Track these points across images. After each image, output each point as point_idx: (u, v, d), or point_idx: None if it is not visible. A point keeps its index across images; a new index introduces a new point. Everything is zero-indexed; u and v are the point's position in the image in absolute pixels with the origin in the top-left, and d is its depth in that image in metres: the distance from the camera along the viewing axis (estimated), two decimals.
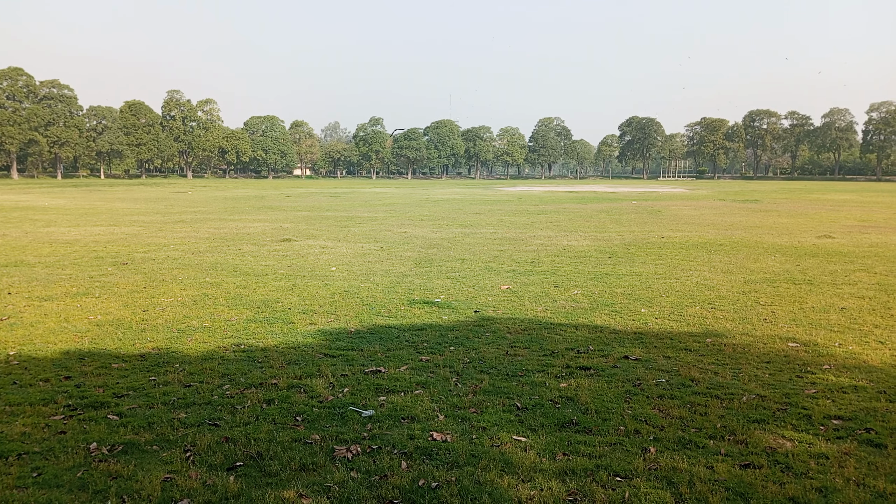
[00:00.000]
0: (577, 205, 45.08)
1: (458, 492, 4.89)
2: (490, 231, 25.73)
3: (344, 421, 6.25)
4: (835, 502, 4.75)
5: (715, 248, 20.05)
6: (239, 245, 20.78)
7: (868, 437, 5.90)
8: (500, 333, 9.64)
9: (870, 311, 11.16)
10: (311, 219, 32.18)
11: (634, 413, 6.46)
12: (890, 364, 8.15)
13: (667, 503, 4.74)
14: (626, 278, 14.40)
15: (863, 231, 25.64)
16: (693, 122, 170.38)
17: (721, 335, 9.58)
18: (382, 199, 52.77)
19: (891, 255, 18.16)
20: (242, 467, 5.33)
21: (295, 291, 12.88)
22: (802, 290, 13.07)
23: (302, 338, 9.38)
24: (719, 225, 28.55)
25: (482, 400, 6.82)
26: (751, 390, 7.11)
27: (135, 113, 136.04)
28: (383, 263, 16.78)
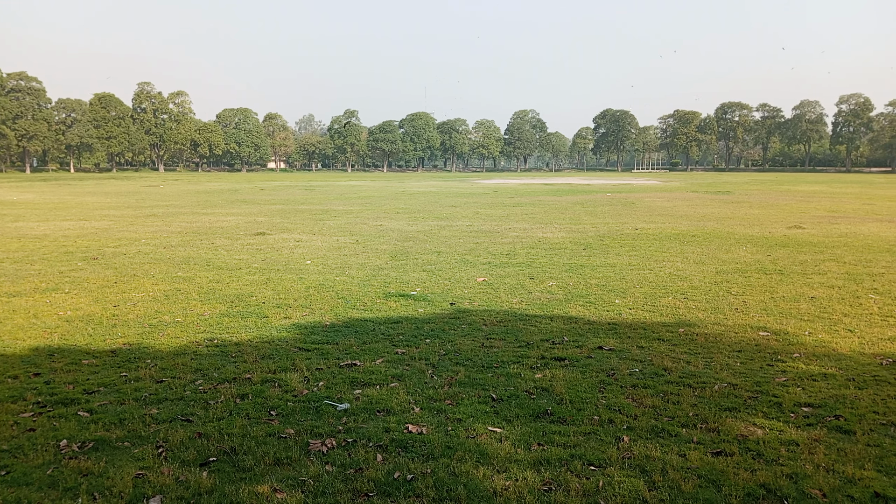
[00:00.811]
0: (552, 197, 45.28)
1: (434, 483, 4.90)
2: (466, 223, 25.75)
3: (319, 415, 6.23)
4: (805, 488, 4.83)
5: (688, 239, 20.27)
6: (212, 239, 20.56)
7: (837, 423, 6.01)
8: (475, 325, 9.66)
9: (839, 300, 11.36)
10: (286, 212, 31.95)
11: (608, 403, 6.51)
12: (858, 352, 8.30)
13: (640, 491, 4.79)
14: (600, 270, 14.51)
15: (832, 221, 26.09)
16: (666, 115, 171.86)
17: (693, 325, 9.69)
18: (358, 192, 52.55)
19: (859, 245, 18.50)
20: (216, 463, 5.28)
21: (269, 285, 12.78)
22: (773, 279, 13.26)
23: (276, 332, 9.32)
24: (692, 216, 28.86)
25: (458, 392, 6.83)
26: (722, 379, 7.21)
27: (105, 106, 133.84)
28: (359, 256, 16.72)
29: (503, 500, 4.68)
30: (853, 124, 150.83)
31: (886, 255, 16.61)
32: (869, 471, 5.08)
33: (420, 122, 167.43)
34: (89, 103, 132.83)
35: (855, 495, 4.72)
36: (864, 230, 22.65)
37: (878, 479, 4.96)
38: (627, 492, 4.78)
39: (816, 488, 4.83)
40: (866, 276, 13.48)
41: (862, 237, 20.55)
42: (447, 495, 4.75)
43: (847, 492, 4.77)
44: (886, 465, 5.19)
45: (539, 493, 4.78)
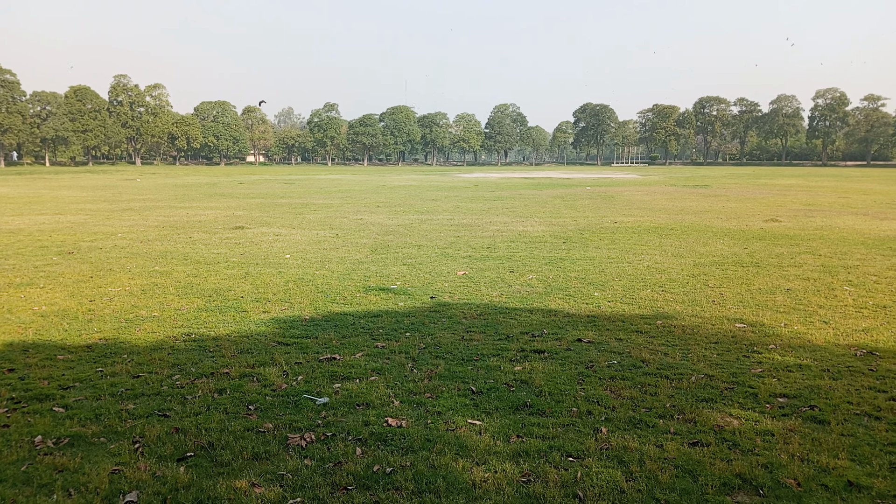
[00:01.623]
0: (532, 191, 45.40)
1: (413, 476, 4.90)
2: (446, 217, 25.74)
3: (298, 409, 6.20)
4: (780, 477, 4.90)
5: (666, 232, 20.42)
6: (190, 233, 20.37)
7: (812, 414, 6.09)
8: (455, 319, 9.67)
9: (814, 292, 11.51)
10: (265, 206, 31.74)
11: (587, 394, 6.55)
12: (833, 343, 8.42)
13: (618, 482, 4.82)
14: (579, 263, 14.57)
15: (808, 215, 26.42)
16: (645, 109, 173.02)
17: (671, 317, 9.77)
18: (338, 186, 52.32)
19: (835, 238, 18.75)
20: (193, 458, 5.24)
21: (248, 279, 12.69)
22: (750, 272, 13.41)
23: (255, 326, 9.26)
24: (670, 210, 29.08)
25: (438, 385, 6.83)
26: (699, 370, 7.28)
27: (80, 98, 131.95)
28: (339, 250, 16.65)
29: (482, 492, 4.70)
30: (829, 118, 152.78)
31: (861, 247, 16.85)
32: (843, 460, 5.15)
33: (400, 116, 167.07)
34: (65, 96, 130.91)
35: (829, 484, 4.79)
36: (839, 223, 22.97)
37: (852, 467, 5.03)
38: (605, 482, 4.81)
39: (791, 477, 4.89)
40: (841, 269, 13.68)
41: (837, 230, 20.83)
42: (426, 488, 4.76)
43: (821, 481, 4.84)
44: (860, 454, 5.27)
45: (518, 484, 4.80)
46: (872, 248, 16.77)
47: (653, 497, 4.63)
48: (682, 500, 4.59)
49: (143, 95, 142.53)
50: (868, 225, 22.37)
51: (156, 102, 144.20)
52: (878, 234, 19.78)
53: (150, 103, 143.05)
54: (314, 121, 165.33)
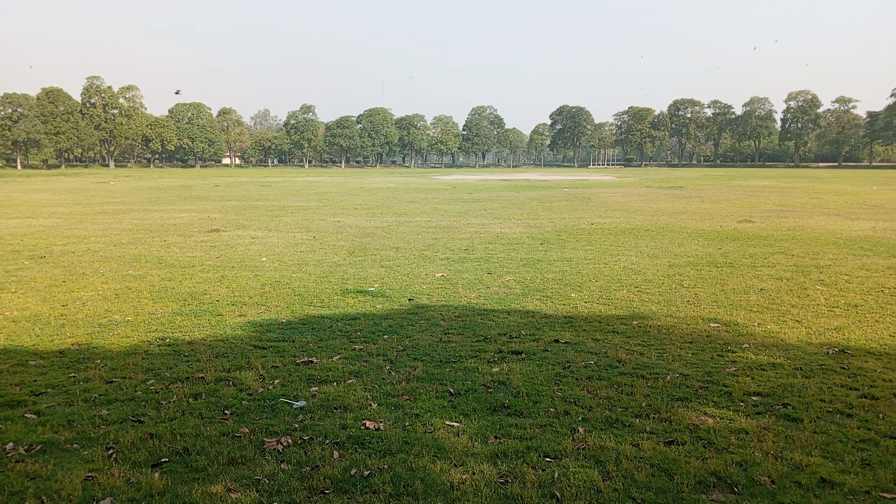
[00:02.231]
0: (510, 193, 45.54)
1: (391, 479, 4.89)
2: (424, 219, 25.72)
3: (274, 413, 6.16)
4: (754, 475, 4.96)
5: (642, 233, 20.59)
6: (164, 236, 20.15)
7: (785, 412, 6.17)
8: (434, 321, 9.66)
9: (787, 291, 11.67)
10: (241, 208, 31.49)
11: (564, 395, 6.58)
12: (806, 342, 8.55)
13: (594, 481, 4.85)
14: (556, 264, 14.64)
15: (781, 215, 26.79)
16: (621, 111, 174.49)
17: (647, 317, 9.86)
18: (315, 188, 52.07)
19: (807, 238, 19.04)
20: (168, 463, 5.19)
21: (223, 283, 12.58)
22: (724, 272, 13.56)
23: (231, 330, 9.18)
24: (646, 211, 29.33)
25: (415, 387, 6.82)
26: (674, 370, 7.35)
27: (53, 100, 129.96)
28: (316, 253, 16.57)
29: (460, 494, 4.70)
30: (801, 120, 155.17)
31: (833, 247, 17.13)
32: (816, 457, 5.23)
33: (378, 118, 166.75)
34: (36, 98, 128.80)
35: (802, 481, 4.86)
36: (811, 223, 23.32)
37: (825, 464, 5.11)
38: (582, 482, 4.84)
39: (765, 475, 4.96)
40: (813, 268, 13.88)
41: (809, 230, 21.15)
42: (404, 490, 4.75)
43: (795, 478, 4.91)
44: (832, 451, 5.35)
45: (495, 485, 4.81)
46: (844, 247, 17.05)
47: (629, 496, 4.66)
48: (657, 499, 4.63)
49: (116, 97, 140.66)
50: (839, 225, 22.73)
51: (129, 104, 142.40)
52: (849, 234, 20.11)
53: (123, 105, 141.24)
54: (291, 122, 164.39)
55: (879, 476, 4.92)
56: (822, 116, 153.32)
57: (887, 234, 20.10)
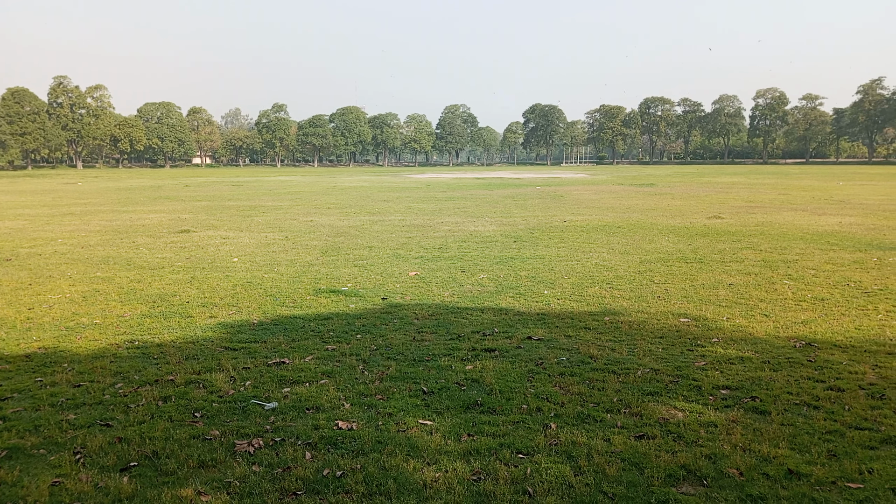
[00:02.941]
0: (483, 191, 45.63)
1: (364, 479, 4.87)
2: (398, 218, 25.68)
3: (245, 415, 6.10)
4: (723, 468, 5.02)
5: (613, 230, 20.76)
6: (133, 237, 19.86)
7: (753, 404, 6.26)
8: (407, 319, 9.65)
9: (755, 286, 11.84)
10: (212, 209, 31.15)
11: (537, 391, 6.61)
12: (773, 335, 8.68)
13: (566, 477, 4.88)
14: (530, 261, 14.71)
15: (749, 211, 27.18)
16: (593, 110, 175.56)
17: (618, 313, 9.94)
18: (287, 188, 51.69)
19: (775, 234, 19.34)
20: (137, 467, 5.12)
21: (194, 284, 12.44)
22: (693, 268, 13.73)
23: (201, 332, 9.07)
24: (618, 208, 29.58)
25: (389, 386, 6.81)
26: (645, 364, 7.42)
27: (18, 100, 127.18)
28: (288, 253, 16.45)
29: (433, 492, 4.70)
30: (769, 118, 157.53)
31: (800, 242, 17.42)
32: (783, 449, 5.31)
33: (351, 117, 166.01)
34: (1, 98, 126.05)
35: (770, 473, 4.93)
36: (779, 219, 23.70)
37: (792, 456, 5.19)
38: (554, 478, 4.86)
39: (734, 467, 5.02)
40: (781, 263, 14.11)
41: (777, 226, 21.49)
42: (377, 490, 4.74)
43: (763, 470, 4.98)
44: (799, 443, 5.43)
45: (468, 483, 4.82)
46: (811, 242, 17.35)
47: (600, 490, 4.70)
48: (628, 493, 4.67)
49: (84, 97, 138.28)
50: (807, 220, 23.13)
51: (97, 104, 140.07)
52: (816, 229, 20.47)
53: (91, 105, 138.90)
54: (262, 122, 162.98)
55: (845, 467, 5.01)
56: (790, 113, 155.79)
57: (853, 228, 20.50)
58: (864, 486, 4.74)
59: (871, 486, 4.73)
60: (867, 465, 5.04)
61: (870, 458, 5.17)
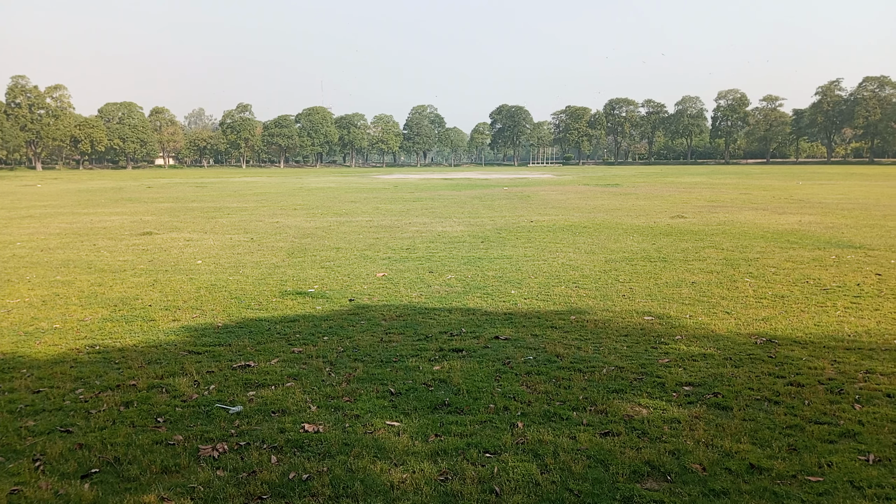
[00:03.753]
0: (451, 192, 45.69)
1: (330, 481, 4.84)
2: (366, 219, 25.58)
3: (210, 419, 6.02)
4: (686, 463, 5.10)
5: (579, 230, 20.95)
6: (94, 240, 19.48)
7: (716, 400, 6.37)
8: (375, 321, 9.61)
9: (717, 284, 12.05)
10: (175, 210, 30.69)
11: (504, 391, 6.64)
12: (735, 332, 8.84)
13: (533, 475, 4.91)
14: (497, 262, 14.77)
15: (711, 211, 27.65)
16: (559, 111, 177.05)
17: (584, 312, 10.04)
18: (253, 189, 51.16)
19: (736, 232, 19.70)
20: (98, 474, 5.02)
21: (156, 287, 12.24)
22: (657, 266, 13.92)
23: (164, 335, 8.93)
24: (583, 208, 29.85)
25: (356, 388, 6.78)
26: (610, 362, 7.50)
27: None
28: (254, 255, 16.28)
29: (400, 493, 4.69)
30: (731, 118, 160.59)
31: (761, 240, 17.77)
32: (745, 444, 5.41)
33: (317, 117, 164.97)
34: None
35: (732, 467, 5.02)
36: (740, 218, 24.15)
37: (753, 451, 5.29)
38: (521, 476, 4.89)
39: (697, 463, 5.10)
40: (742, 261, 14.38)
41: (739, 225, 21.89)
42: (343, 492, 4.71)
43: (725, 465, 5.07)
44: (760, 437, 5.54)
45: (435, 483, 4.82)
46: (771, 241, 17.71)
47: (566, 488, 4.74)
48: (594, 490, 4.72)
49: (43, 97, 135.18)
50: (767, 219, 23.61)
51: (57, 104, 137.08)
52: (776, 227, 20.91)
53: (50, 105, 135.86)
54: (227, 122, 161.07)
55: (805, 461, 5.12)
56: (751, 114, 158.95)
57: (812, 227, 20.97)
58: (824, 479, 4.85)
59: (830, 480, 4.84)
60: (826, 458, 5.15)
61: (829, 451, 5.29)
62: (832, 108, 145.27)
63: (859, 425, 5.76)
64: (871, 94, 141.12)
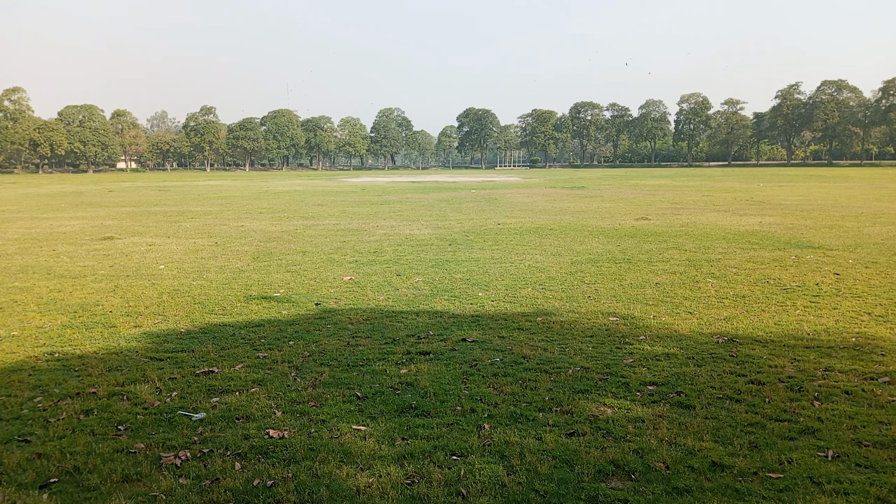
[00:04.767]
0: (419, 194, 45.65)
1: (296, 488, 4.79)
2: (332, 222, 25.43)
3: (172, 426, 5.92)
4: (650, 462, 5.16)
5: (546, 232, 21.10)
6: (53, 245, 19.05)
7: (679, 399, 6.46)
8: (341, 325, 9.56)
9: (680, 284, 12.22)
10: (137, 214, 30.17)
11: (471, 393, 6.65)
12: (697, 332, 8.98)
13: (499, 476, 4.92)
14: (464, 264, 14.79)
15: (675, 213, 28.05)
16: (525, 114, 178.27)
17: (550, 313, 10.10)
18: (218, 192, 50.52)
19: (699, 234, 20.01)
20: (57, 483, 4.91)
21: (117, 293, 12.01)
22: (622, 268, 14.08)
23: (125, 342, 8.77)
24: (550, 211, 30.07)
25: (322, 393, 6.73)
26: (576, 363, 7.56)
27: None
28: (218, 259, 16.08)
29: (366, 498, 4.66)
30: (693, 122, 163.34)
31: (722, 242, 18.08)
32: (707, 442, 5.49)
33: (283, 120, 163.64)
34: None
35: (695, 465, 5.09)
36: (703, 220, 24.54)
37: (716, 448, 5.37)
38: (487, 478, 4.90)
39: (660, 461, 5.17)
40: (704, 262, 14.61)
41: (701, 226, 22.25)
42: (309, 498, 4.67)
43: (688, 463, 5.14)
44: (722, 435, 5.63)
45: (402, 487, 4.80)
46: (732, 242, 18.03)
47: (532, 489, 4.76)
48: (559, 490, 4.75)
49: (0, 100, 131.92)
50: (728, 221, 24.03)
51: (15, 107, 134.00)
52: (737, 229, 21.29)
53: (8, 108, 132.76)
54: (190, 125, 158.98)
55: (766, 457, 5.22)
56: (713, 118, 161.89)
57: (772, 228, 21.40)
58: (784, 475, 4.94)
59: (790, 476, 4.93)
60: (787, 455, 5.25)
61: (789, 448, 5.39)
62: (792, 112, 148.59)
63: (818, 422, 5.88)
64: (829, 98, 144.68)
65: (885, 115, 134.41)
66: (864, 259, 14.78)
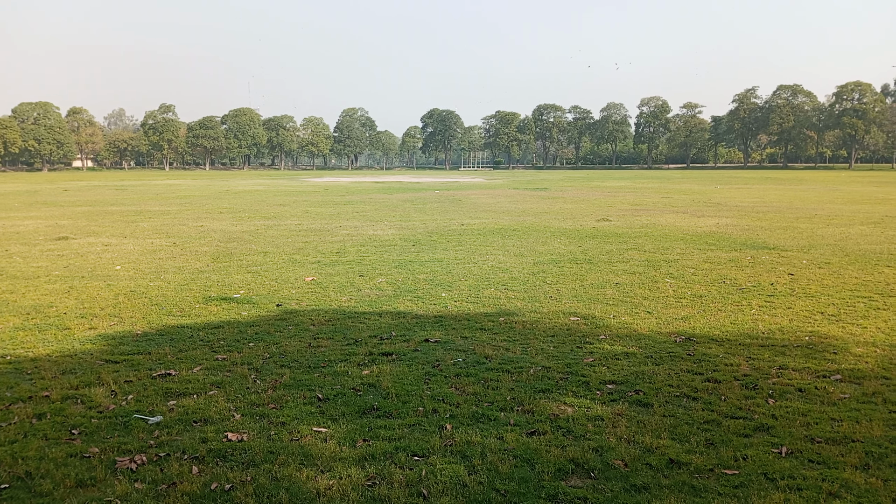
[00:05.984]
0: (382, 195, 45.49)
1: (254, 491, 4.74)
2: (295, 223, 25.19)
3: (127, 430, 5.80)
4: (609, 460, 5.22)
5: (509, 233, 21.21)
6: (5, 246, 18.51)
7: (637, 398, 6.55)
8: (303, 326, 9.48)
9: (640, 284, 12.40)
10: (93, 214, 29.50)
11: (433, 393, 6.65)
12: (656, 331, 9.12)
13: (461, 476, 4.93)
14: (428, 265, 14.79)
15: (635, 214, 28.45)
16: (489, 115, 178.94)
17: (513, 314, 10.16)
18: (176, 192, 49.67)
19: (658, 235, 20.33)
20: (8, 490, 4.78)
21: (72, 294, 11.72)
22: (583, 268, 14.23)
23: (79, 344, 8.56)
24: (513, 212, 30.24)
25: (282, 395, 6.66)
26: (537, 363, 7.62)
27: None
28: (176, 260, 15.80)
29: (326, 500, 4.63)
30: (653, 125, 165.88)
31: (681, 243, 18.39)
32: (665, 439, 5.58)
33: (244, 119, 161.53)
34: None
35: (653, 463, 5.17)
36: (662, 221, 24.93)
37: (673, 446, 5.46)
38: (449, 478, 4.90)
39: (619, 459, 5.23)
40: (663, 263, 14.85)
41: (660, 227, 22.60)
42: (268, 501, 4.62)
43: (646, 460, 5.21)
44: (680, 433, 5.72)
45: (363, 488, 4.78)
46: (690, 243, 18.35)
47: (493, 488, 4.78)
48: (520, 489, 4.77)
49: None
50: (687, 222, 24.46)
51: None
52: (695, 230, 21.68)
53: None
54: (149, 123, 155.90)
55: (722, 454, 5.32)
56: (672, 121, 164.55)
57: (729, 229, 21.85)
58: (739, 472, 5.04)
59: (745, 472, 5.03)
60: (742, 451, 5.36)
61: (744, 445, 5.51)
62: (748, 115, 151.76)
63: (773, 419, 6.02)
64: (784, 102, 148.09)
65: (838, 119, 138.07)
66: (818, 260, 15.17)
